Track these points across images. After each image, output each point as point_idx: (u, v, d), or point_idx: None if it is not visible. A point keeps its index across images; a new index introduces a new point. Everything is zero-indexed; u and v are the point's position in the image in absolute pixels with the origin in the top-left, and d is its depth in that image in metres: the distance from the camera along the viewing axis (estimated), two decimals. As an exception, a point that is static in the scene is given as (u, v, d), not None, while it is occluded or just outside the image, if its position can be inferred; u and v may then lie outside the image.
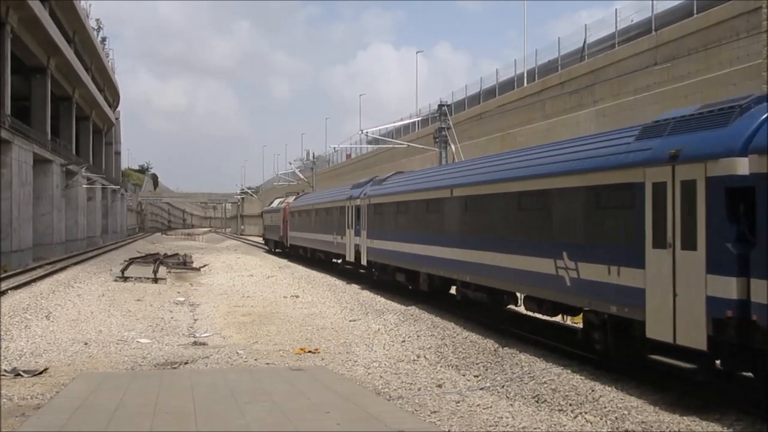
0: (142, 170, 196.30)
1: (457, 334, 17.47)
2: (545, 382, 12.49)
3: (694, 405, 10.83)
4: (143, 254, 53.70)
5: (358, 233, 29.70)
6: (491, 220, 17.52)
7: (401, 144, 47.42)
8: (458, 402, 11.68)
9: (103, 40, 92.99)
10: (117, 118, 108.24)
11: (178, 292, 29.79)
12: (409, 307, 22.51)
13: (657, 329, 11.06)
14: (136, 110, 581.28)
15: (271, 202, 66.49)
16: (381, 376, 13.73)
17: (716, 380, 11.06)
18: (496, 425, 10.36)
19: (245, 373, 13.18)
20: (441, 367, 14.73)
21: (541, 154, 16.27)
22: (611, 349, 12.92)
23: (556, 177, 14.44)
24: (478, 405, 11.45)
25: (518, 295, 17.87)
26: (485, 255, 17.55)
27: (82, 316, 21.69)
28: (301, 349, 16.53)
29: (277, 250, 59.73)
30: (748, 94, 11.27)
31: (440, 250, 20.58)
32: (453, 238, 19.75)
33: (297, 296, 28.01)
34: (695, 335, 10.32)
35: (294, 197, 53.50)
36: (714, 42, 23.94)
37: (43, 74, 56.63)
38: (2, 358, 14.69)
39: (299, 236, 46.08)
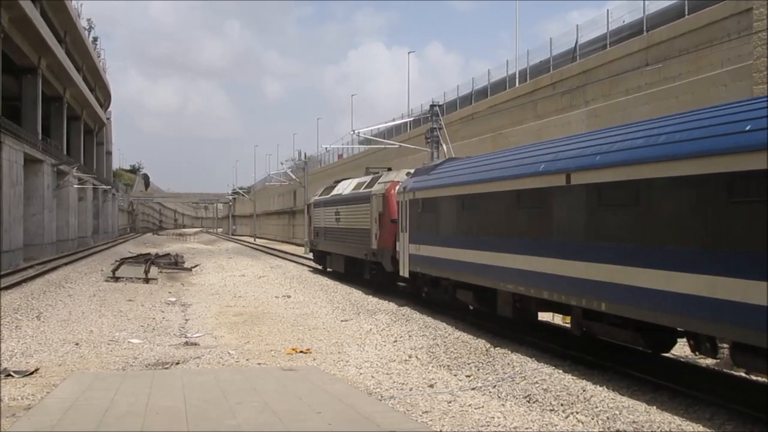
0: (134, 170, 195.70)
1: (449, 334, 17.48)
2: (537, 382, 12.50)
3: (685, 405, 10.87)
4: (134, 254, 53.61)
5: None
6: None
7: (393, 144, 47.38)
8: (450, 402, 11.68)
9: (95, 39, 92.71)
10: (108, 118, 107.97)
11: (170, 293, 29.74)
12: (401, 308, 22.51)
13: None
14: (128, 110, 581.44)
15: (333, 186, 37.29)
16: (373, 377, 13.73)
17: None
18: (488, 425, 10.37)
19: (237, 374, 13.15)
20: (433, 367, 14.74)
21: None
22: None
23: None
24: (469, 405, 11.46)
25: None
26: None
27: (73, 316, 21.63)
28: (293, 350, 16.51)
29: (333, 271, 35.79)
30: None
31: None
32: None
33: (289, 296, 27.99)
34: None
35: (411, 172, 25.31)
36: (705, 43, 24.01)
37: (34, 74, 56.43)
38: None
39: (459, 259, 18.84)
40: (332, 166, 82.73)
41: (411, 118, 52.28)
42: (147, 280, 33.84)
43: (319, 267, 40.11)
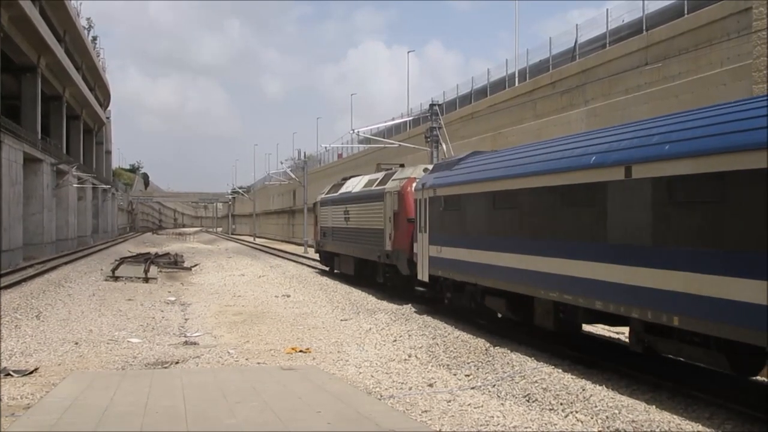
0: (133, 170, 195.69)
1: (448, 334, 17.48)
2: (536, 382, 12.50)
3: (684, 404, 10.87)
4: (134, 254, 53.61)
5: None
6: None
7: (393, 144, 47.38)
8: (449, 401, 11.68)
9: (94, 38, 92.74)
10: (108, 117, 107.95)
11: (169, 292, 29.73)
12: (401, 307, 22.50)
13: None
14: (128, 109, 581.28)
15: (341, 184, 35.43)
16: (372, 376, 13.73)
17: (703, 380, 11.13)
18: (487, 424, 10.37)
19: (236, 373, 13.15)
20: (432, 366, 14.73)
21: None
22: None
23: None
24: (469, 404, 11.46)
25: None
26: None
27: (73, 315, 21.63)
28: (293, 349, 16.51)
29: (342, 274, 33.71)
30: None
31: None
32: None
33: (288, 296, 27.98)
34: None
35: (428, 168, 24.08)
36: (704, 42, 24.01)
37: (33, 73, 56.39)
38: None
39: (489, 263, 16.95)
40: (332, 165, 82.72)
41: (410, 118, 52.30)
42: (146, 280, 33.82)
43: (326, 269, 37.85)
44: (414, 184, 23.42)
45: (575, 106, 32.10)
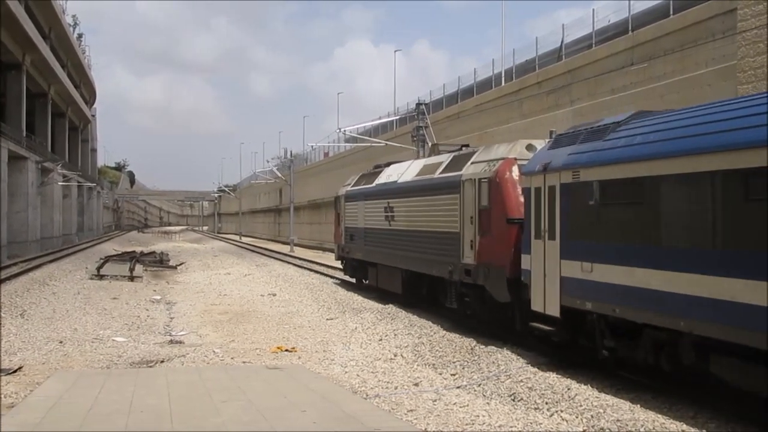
0: (119, 168, 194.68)
1: (434, 333, 17.50)
2: (521, 381, 12.53)
3: (668, 404, 10.92)
4: (119, 252, 53.41)
5: None
6: None
7: (379, 143, 47.40)
8: (435, 401, 11.69)
9: (80, 36, 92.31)
10: (93, 115, 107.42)
11: (155, 291, 29.63)
12: (387, 306, 22.50)
13: None
14: (114, 107, 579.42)
15: (375, 173, 27.35)
16: (358, 375, 13.73)
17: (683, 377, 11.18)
18: (473, 423, 10.39)
19: (222, 372, 13.12)
20: (418, 365, 14.75)
21: None
22: None
23: None
24: (454, 403, 11.48)
25: None
26: None
27: (57, 314, 21.52)
28: (278, 348, 16.50)
29: (380, 288, 25.50)
30: None
31: None
32: None
33: (274, 294, 27.94)
34: None
35: (533, 145, 16.87)
36: (690, 43, 24.13)
37: (18, 70, 56.09)
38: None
39: (728, 298, 9.31)
40: (318, 164, 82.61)
41: (397, 117, 52.33)
42: (132, 278, 33.71)
43: (352, 280, 29.89)
44: (515, 167, 16.22)
45: (561, 106, 32.20)
